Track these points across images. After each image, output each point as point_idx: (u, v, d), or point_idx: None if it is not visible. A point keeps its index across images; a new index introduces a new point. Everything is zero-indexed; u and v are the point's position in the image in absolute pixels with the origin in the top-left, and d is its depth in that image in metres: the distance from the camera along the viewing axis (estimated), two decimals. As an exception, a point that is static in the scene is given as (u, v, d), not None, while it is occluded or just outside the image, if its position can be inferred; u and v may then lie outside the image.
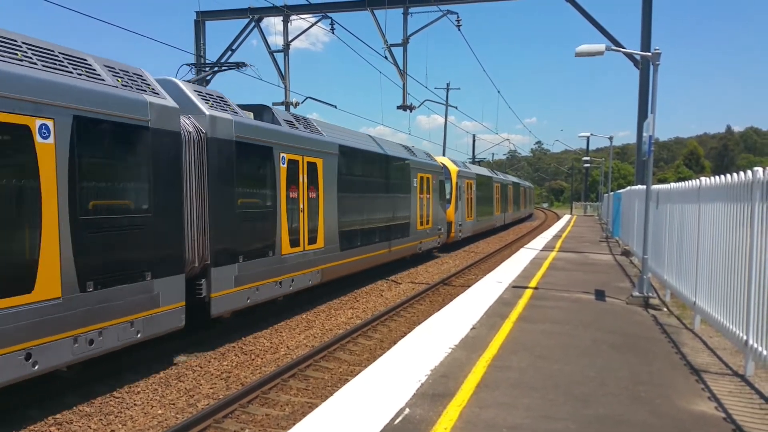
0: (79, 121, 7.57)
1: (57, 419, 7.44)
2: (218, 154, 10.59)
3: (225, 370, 9.55)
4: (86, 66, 8.18)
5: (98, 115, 7.91)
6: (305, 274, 13.80)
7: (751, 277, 6.49)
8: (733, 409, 5.68)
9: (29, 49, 7.40)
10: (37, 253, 6.96)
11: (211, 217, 10.34)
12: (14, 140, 6.79)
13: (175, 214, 9.44)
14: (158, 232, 8.99)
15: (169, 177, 9.27)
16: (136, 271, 8.58)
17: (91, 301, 7.74)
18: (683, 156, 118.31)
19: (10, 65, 6.83)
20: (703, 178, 9.24)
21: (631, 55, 18.08)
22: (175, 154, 9.41)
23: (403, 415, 5.39)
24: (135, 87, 8.82)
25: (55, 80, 7.33)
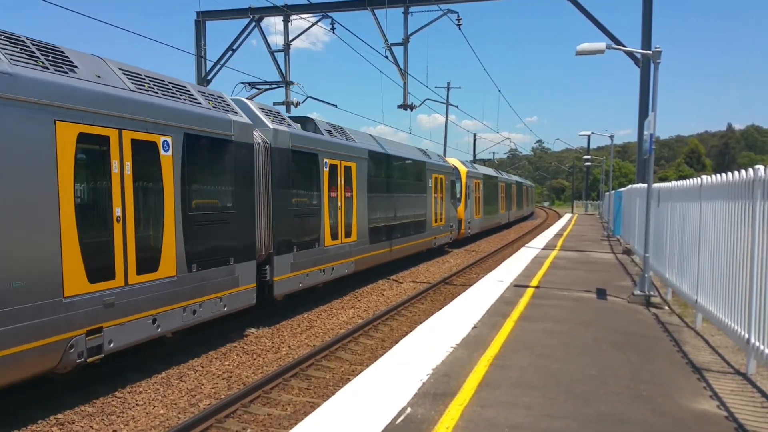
0: (187, 138, 9.63)
1: (59, 419, 7.45)
2: (279, 160, 12.59)
3: (227, 370, 9.56)
4: (188, 92, 10.21)
5: (199, 132, 9.97)
6: (343, 264, 15.89)
7: (753, 275, 6.49)
8: (735, 408, 5.67)
9: (150, 80, 9.36)
10: (161, 240, 9.08)
11: (274, 213, 12.37)
12: (146, 153, 8.80)
13: (250, 211, 11.51)
14: (239, 225, 11.09)
15: (246, 180, 11.35)
16: (223, 257, 10.64)
17: (195, 279, 9.82)
18: (684, 154, 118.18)
19: (143, 95, 8.84)
20: (704, 176, 9.24)
21: (631, 54, 18.07)
22: (250, 161, 11.51)
23: (405, 415, 5.39)
24: (221, 108, 10.94)
25: (171, 105, 9.35)
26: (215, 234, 10.39)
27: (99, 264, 7.94)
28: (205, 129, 10.13)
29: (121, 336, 8.32)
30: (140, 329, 8.65)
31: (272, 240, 12.32)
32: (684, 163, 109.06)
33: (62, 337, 7.38)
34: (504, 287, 12.57)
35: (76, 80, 7.75)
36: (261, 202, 11.96)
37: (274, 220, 12.38)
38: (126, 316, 8.37)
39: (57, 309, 7.28)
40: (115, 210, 8.22)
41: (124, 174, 8.40)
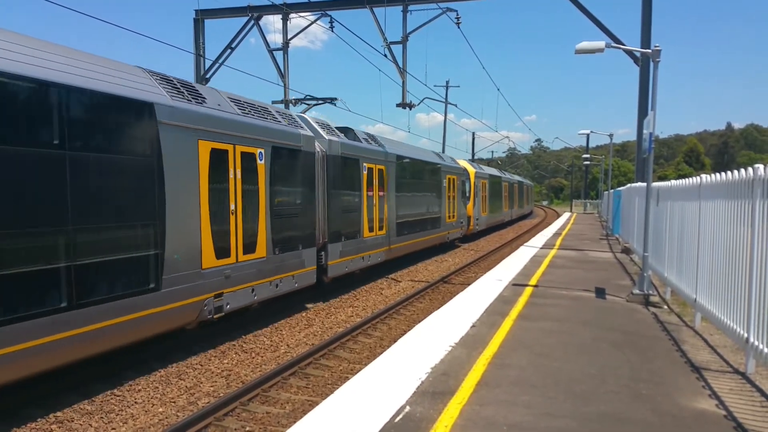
0: (273, 149, 12.17)
1: (58, 417, 7.44)
2: (332, 166, 15.06)
3: (225, 368, 9.55)
4: (270, 113, 12.75)
5: (281, 144, 12.50)
6: (377, 253, 18.53)
7: (752, 274, 6.49)
8: (733, 407, 5.67)
9: (248, 105, 11.96)
10: (257, 229, 11.68)
11: (329, 209, 14.92)
12: (250, 162, 11.40)
13: (313, 207, 14.06)
14: (305, 219, 13.70)
15: (310, 182, 13.91)
16: (295, 244, 13.15)
17: (277, 261, 12.36)
18: (683, 153, 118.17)
19: (246, 118, 11.49)
20: (703, 175, 9.23)
21: (631, 52, 18.08)
22: (313, 166, 14.01)
23: (404, 413, 5.39)
24: (293, 124, 13.46)
25: (263, 125, 11.97)
26: (290, 225, 12.98)
27: (222, 245, 10.51)
28: (284, 142, 12.70)
29: (233, 300, 10.87)
30: (244, 296, 11.28)
31: (327, 231, 14.94)
32: (683, 162, 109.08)
33: (201, 297, 9.96)
34: (503, 286, 12.57)
35: (207, 109, 10.26)
36: (319, 199, 14.52)
37: (329, 215, 14.99)
38: (236, 286, 10.96)
39: (197, 277, 9.81)
40: (231, 205, 10.85)
41: (237, 178, 10.96)
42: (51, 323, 7.19)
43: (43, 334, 7.08)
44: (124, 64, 9.14)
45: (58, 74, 7.39)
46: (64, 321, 7.37)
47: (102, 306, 7.94)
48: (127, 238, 8.50)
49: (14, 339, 6.69)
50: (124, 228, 8.47)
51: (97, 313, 7.87)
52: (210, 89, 11.29)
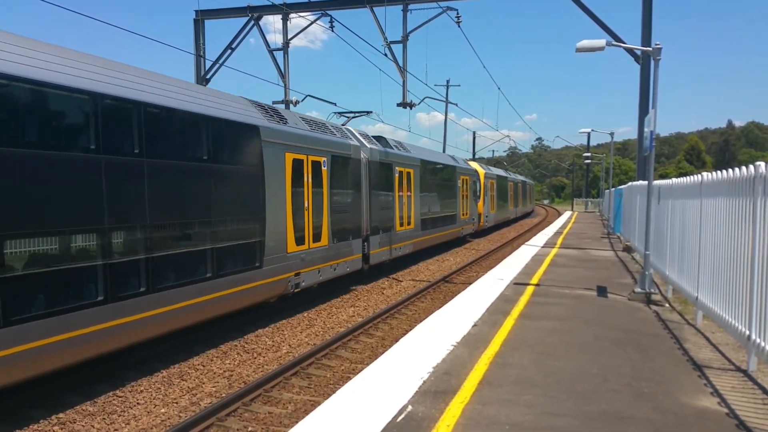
0: (332, 158, 15.01)
1: (60, 419, 7.45)
2: (372, 170, 17.96)
3: (227, 369, 9.56)
4: (327, 127, 15.69)
5: (337, 154, 15.34)
6: (405, 245, 21.29)
7: (754, 272, 6.48)
8: (735, 405, 5.67)
9: (312, 122, 14.91)
10: (322, 223, 14.47)
11: (371, 206, 17.80)
12: (317, 169, 14.21)
13: (359, 205, 17.00)
14: (354, 214, 16.61)
15: (357, 184, 16.84)
16: (346, 235, 16.03)
17: (335, 249, 15.26)
18: (684, 151, 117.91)
19: (314, 133, 14.40)
20: (704, 173, 9.22)
21: (631, 51, 18.05)
22: (359, 171, 17.01)
23: (406, 413, 5.39)
24: (344, 136, 16.46)
25: (325, 138, 14.93)
26: (343, 220, 15.86)
27: (299, 235, 13.36)
28: (340, 151, 15.55)
29: (307, 279, 13.79)
30: (313, 276, 14.18)
31: (369, 225, 17.73)
32: (684, 160, 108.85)
33: (287, 275, 12.87)
34: (504, 285, 12.56)
35: (289, 128, 13.27)
36: (363, 198, 17.31)
37: (371, 212, 17.81)
38: (309, 267, 13.90)
39: (284, 259, 12.73)
40: (305, 203, 13.67)
41: (308, 182, 13.74)
42: (199, 290, 9.97)
43: (197, 296, 9.93)
44: (234, 96, 12.11)
45: (207, 109, 10.45)
46: (209, 287, 10.21)
47: (229, 278, 10.73)
48: (244, 229, 11.40)
49: (186, 297, 9.67)
50: (243, 221, 11.42)
51: (228, 283, 10.69)
52: (289, 112, 14.77)
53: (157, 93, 9.26)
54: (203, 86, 11.73)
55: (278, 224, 12.44)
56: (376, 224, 18.14)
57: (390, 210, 19.59)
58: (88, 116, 8.02)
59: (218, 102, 11.08)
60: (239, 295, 11.11)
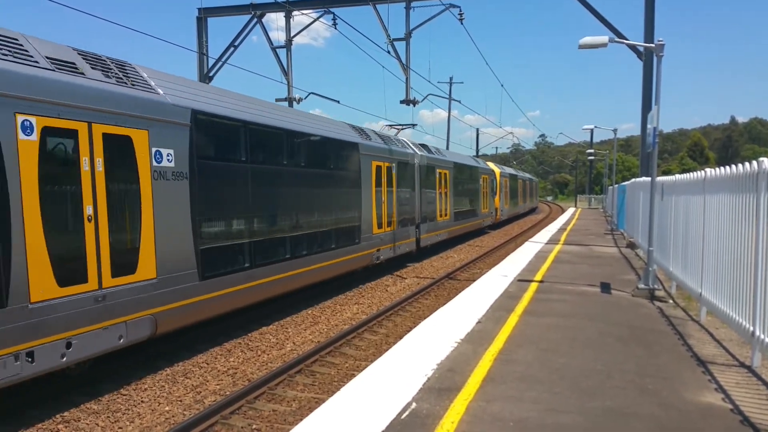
0: (397, 164, 19.71)
1: (65, 417, 7.48)
2: (421, 172, 22.76)
3: (231, 367, 9.58)
4: (391, 140, 20.03)
5: (400, 160, 20.07)
6: (443, 232, 26.22)
7: (757, 268, 6.47)
8: (740, 401, 5.67)
9: (382, 137, 19.20)
10: (391, 213, 18.92)
11: (421, 200, 22.63)
12: (389, 172, 18.67)
13: (413, 199, 21.69)
14: (410, 206, 21.16)
15: (411, 183, 21.44)
16: (406, 222, 20.69)
17: (399, 233, 19.73)
18: (687, 147, 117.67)
19: (389, 146, 19.10)
20: (707, 169, 9.20)
21: (634, 47, 18.00)
22: (413, 173, 21.73)
23: (410, 410, 5.40)
24: (402, 146, 21.09)
25: (394, 148, 19.52)
26: (404, 210, 20.61)
27: (379, 221, 18.09)
28: (401, 158, 20.44)
29: (383, 254, 18.48)
30: (387, 252, 18.96)
31: (420, 215, 22.55)
32: (687, 157, 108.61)
33: (372, 250, 17.60)
34: (508, 282, 12.56)
35: (372, 142, 18.00)
36: (416, 194, 22.15)
37: (421, 205, 22.69)
38: (384, 246, 18.67)
39: (371, 239, 17.43)
40: (382, 198, 18.33)
41: (384, 182, 18.60)
42: (331, 255, 14.89)
43: (331, 259, 14.88)
44: (339, 122, 17.25)
45: (331, 133, 15.38)
46: (334, 254, 15.10)
47: (343, 248, 15.69)
48: (351, 216, 16.30)
49: (325, 259, 14.55)
50: (351, 210, 16.34)
51: (342, 252, 15.62)
52: (370, 129, 19.05)
53: (312, 126, 14.60)
54: (323, 116, 18.25)
55: (368, 213, 17.41)
56: (424, 215, 23.10)
57: (433, 204, 24.59)
58: (294, 144, 13.53)
59: (334, 127, 16.13)
60: (347, 262, 16.02)
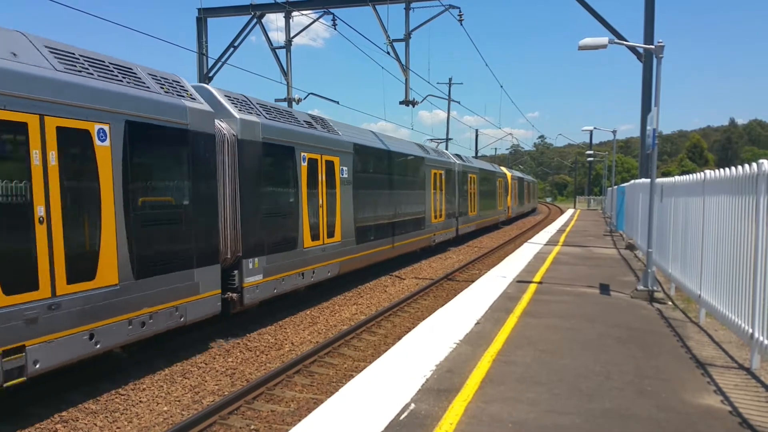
0: (445, 171, 26.72)
1: (63, 417, 7.46)
2: (459, 176, 29.44)
3: (230, 367, 9.57)
4: (438, 151, 27.61)
5: (447, 168, 27.15)
6: (473, 224, 32.72)
7: (757, 269, 6.47)
8: (739, 403, 5.66)
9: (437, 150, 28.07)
10: (441, 207, 25.84)
11: (458, 199, 29.06)
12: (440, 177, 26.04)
13: (454, 198, 28.27)
14: (452, 204, 27.86)
15: (453, 185, 28.19)
16: (449, 215, 27.24)
17: (446, 223, 26.72)
18: (687, 149, 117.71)
19: (440, 157, 26.91)
20: (707, 170, 9.20)
21: (634, 48, 18.00)
22: (454, 178, 28.58)
23: (409, 411, 5.39)
24: (448, 157, 28.53)
25: (443, 159, 27.13)
26: (449, 207, 26.66)
27: (435, 213, 24.79)
28: (447, 167, 26.85)
29: (437, 239, 25.27)
30: (440, 237, 25.53)
31: (458, 210, 28.89)
32: (687, 158, 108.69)
33: (430, 234, 24.25)
34: (507, 283, 12.55)
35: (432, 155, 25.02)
36: (456, 194, 28.60)
37: (458, 202, 29.07)
38: (438, 231, 25.28)
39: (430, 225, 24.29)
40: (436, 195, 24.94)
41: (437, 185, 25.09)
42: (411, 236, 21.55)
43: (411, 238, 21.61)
44: (411, 141, 23.97)
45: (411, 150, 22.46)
46: (413, 235, 21.76)
47: (415, 232, 21.98)
48: (421, 210, 22.60)
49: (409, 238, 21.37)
50: (421, 206, 22.63)
51: (416, 234, 22.10)
52: (427, 145, 26.09)
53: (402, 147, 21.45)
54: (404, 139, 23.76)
55: (429, 208, 23.77)
56: (461, 210, 29.64)
57: (466, 202, 31.07)
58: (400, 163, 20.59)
59: (410, 145, 22.99)
60: (418, 242, 22.71)
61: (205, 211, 9.95)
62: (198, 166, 9.74)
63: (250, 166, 11.34)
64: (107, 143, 8.04)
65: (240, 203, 10.99)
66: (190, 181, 9.57)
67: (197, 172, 9.73)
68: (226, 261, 10.85)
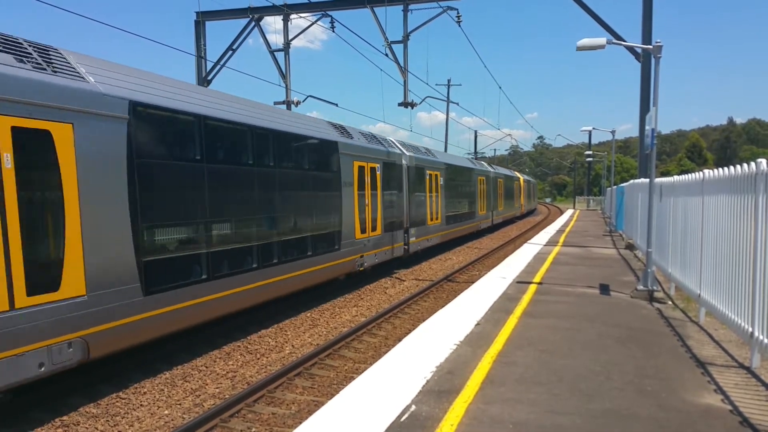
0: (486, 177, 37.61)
1: (64, 421, 7.47)
2: (494, 182, 40.77)
3: (230, 370, 9.57)
4: (481, 164, 40.70)
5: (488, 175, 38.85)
6: (499, 218, 42.54)
7: (756, 268, 6.47)
8: (739, 402, 5.67)
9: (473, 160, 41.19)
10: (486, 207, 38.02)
11: (493, 197, 40.32)
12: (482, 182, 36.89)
13: (490, 196, 39.03)
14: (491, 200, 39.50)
15: (490, 188, 38.77)
16: (488, 210, 38.59)
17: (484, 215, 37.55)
18: (686, 149, 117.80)
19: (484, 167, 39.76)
20: (706, 170, 9.21)
21: (632, 49, 18.02)
22: (491, 182, 39.24)
23: (410, 412, 5.39)
24: (488, 167, 40.89)
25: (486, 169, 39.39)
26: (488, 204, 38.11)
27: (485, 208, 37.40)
28: (489, 174, 38.35)
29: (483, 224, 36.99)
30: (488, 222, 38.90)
31: (493, 207, 38.77)
32: (686, 158, 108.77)
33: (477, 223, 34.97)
34: (507, 284, 12.56)
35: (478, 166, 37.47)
36: (491, 194, 38.47)
37: (494, 200, 39.76)
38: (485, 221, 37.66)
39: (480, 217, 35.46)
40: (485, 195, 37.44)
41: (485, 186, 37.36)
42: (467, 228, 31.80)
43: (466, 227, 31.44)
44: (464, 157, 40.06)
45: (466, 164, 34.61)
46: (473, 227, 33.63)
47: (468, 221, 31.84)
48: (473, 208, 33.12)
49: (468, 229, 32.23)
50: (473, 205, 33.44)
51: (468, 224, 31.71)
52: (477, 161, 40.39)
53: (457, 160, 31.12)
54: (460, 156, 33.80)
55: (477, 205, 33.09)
56: (493, 207, 38.65)
57: (496, 200, 40.40)
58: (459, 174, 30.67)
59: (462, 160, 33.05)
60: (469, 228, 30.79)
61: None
62: (404, 181, 20.70)
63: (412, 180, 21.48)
64: (379, 172, 18.05)
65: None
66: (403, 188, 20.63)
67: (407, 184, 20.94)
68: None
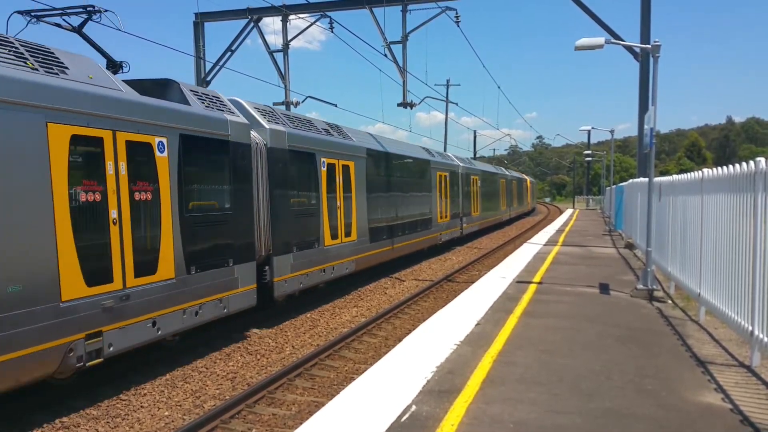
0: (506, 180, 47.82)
1: (64, 423, 7.46)
2: (512, 184, 50.42)
3: (231, 371, 9.57)
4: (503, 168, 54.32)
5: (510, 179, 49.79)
6: (514, 213, 51.05)
7: (755, 267, 6.48)
8: (739, 401, 5.67)
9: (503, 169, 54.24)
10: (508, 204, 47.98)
11: (507, 197, 47.51)
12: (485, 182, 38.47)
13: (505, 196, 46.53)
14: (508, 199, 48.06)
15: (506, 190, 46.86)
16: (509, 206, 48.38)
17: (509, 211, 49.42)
18: (685, 148, 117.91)
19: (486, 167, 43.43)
20: (705, 169, 9.22)
21: (630, 48, 18.03)
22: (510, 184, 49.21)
23: (410, 412, 5.40)
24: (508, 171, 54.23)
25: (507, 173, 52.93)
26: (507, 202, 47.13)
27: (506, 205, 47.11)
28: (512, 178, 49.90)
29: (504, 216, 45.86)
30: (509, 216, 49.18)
31: (509, 205, 47.75)
32: (685, 157, 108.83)
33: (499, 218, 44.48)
34: (507, 284, 12.56)
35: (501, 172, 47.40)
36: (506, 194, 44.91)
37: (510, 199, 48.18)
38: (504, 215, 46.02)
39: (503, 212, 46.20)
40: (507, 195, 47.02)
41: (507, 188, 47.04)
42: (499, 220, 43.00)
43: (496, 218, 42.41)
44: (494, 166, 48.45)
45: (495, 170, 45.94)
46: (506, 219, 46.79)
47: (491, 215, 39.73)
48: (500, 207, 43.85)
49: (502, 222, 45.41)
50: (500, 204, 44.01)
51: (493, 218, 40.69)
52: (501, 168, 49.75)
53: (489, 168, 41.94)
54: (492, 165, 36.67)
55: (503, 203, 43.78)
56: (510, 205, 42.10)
57: (512, 199, 44.46)
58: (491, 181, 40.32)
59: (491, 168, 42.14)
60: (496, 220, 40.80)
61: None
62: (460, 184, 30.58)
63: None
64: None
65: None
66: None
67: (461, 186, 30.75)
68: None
